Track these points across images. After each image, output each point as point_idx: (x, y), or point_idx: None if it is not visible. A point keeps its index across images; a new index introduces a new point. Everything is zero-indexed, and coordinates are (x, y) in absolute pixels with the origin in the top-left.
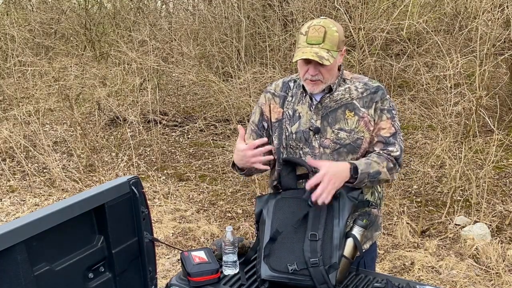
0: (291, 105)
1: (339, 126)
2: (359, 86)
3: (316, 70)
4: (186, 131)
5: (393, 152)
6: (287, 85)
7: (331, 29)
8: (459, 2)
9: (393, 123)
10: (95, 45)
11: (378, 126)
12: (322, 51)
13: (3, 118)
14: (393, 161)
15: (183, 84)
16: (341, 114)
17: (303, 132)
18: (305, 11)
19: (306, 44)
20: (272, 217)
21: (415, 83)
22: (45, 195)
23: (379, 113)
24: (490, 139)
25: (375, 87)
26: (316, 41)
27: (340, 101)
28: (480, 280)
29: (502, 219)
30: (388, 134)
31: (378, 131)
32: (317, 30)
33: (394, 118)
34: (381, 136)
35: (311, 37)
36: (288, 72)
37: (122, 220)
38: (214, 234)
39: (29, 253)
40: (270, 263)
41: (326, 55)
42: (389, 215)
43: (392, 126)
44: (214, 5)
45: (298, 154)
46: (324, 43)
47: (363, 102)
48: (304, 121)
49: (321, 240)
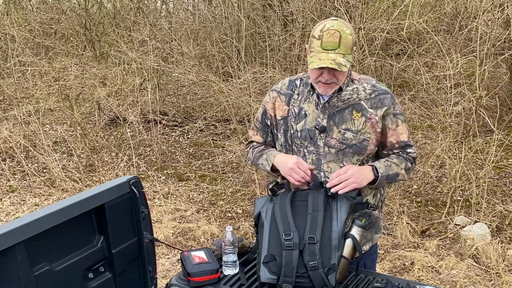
0: (297, 103)
1: (345, 126)
2: (367, 87)
3: (331, 74)
4: (186, 131)
5: (411, 153)
6: (293, 84)
7: (345, 33)
8: (459, 2)
9: (406, 125)
10: (95, 45)
11: (397, 132)
12: (338, 57)
13: (3, 118)
14: (411, 160)
15: (183, 84)
16: (348, 114)
17: (309, 130)
18: (305, 11)
19: (321, 49)
20: (270, 219)
21: (415, 83)
22: (45, 195)
23: (393, 118)
24: (490, 139)
25: (383, 89)
26: (332, 47)
27: (348, 101)
28: (480, 280)
29: (502, 219)
30: (406, 138)
31: (398, 137)
32: (332, 35)
33: (406, 120)
34: (401, 141)
35: (327, 42)
36: (288, 72)
37: (122, 220)
38: (214, 234)
39: (29, 253)
40: (269, 266)
41: (342, 60)
42: (389, 215)
43: (407, 130)
44: (214, 5)
45: (302, 152)
46: (340, 48)
47: (371, 103)
48: (310, 119)
49: (320, 243)
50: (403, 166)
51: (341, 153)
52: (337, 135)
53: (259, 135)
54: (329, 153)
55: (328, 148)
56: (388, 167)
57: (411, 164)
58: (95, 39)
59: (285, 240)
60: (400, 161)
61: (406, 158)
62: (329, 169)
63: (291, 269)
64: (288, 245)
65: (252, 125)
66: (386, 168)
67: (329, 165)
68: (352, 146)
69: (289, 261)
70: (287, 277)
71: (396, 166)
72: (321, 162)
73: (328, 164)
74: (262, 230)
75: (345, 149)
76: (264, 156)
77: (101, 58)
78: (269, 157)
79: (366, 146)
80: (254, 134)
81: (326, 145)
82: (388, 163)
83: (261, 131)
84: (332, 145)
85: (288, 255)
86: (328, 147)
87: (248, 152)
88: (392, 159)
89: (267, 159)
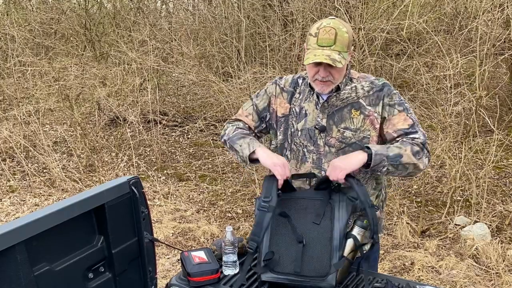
0: (298, 102)
1: (344, 125)
2: (365, 85)
3: (327, 71)
4: (186, 131)
5: (415, 138)
6: (295, 82)
7: (341, 30)
8: (459, 2)
9: (409, 115)
10: (95, 45)
11: (391, 122)
12: (333, 53)
13: (3, 118)
14: (419, 145)
15: (183, 84)
16: (347, 113)
17: (309, 130)
18: (305, 11)
19: (317, 46)
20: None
21: (415, 83)
22: (45, 195)
23: (389, 109)
24: (490, 139)
25: (380, 84)
26: (327, 43)
27: (346, 100)
28: (480, 280)
29: (502, 219)
30: (406, 126)
31: (394, 126)
32: (327, 32)
33: (409, 110)
34: (399, 129)
35: (322, 39)
36: (288, 72)
37: (122, 220)
38: (214, 234)
39: (29, 253)
40: (270, 265)
41: (337, 57)
42: (389, 215)
43: (409, 118)
44: (214, 5)
45: (302, 152)
46: (335, 45)
47: (369, 100)
48: (310, 119)
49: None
50: (408, 149)
51: (342, 152)
52: (336, 134)
53: (252, 119)
54: (329, 152)
55: (328, 147)
56: (386, 148)
57: (420, 148)
58: (95, 39)
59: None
60: (404, 144)
61: (411, 143)
62: None
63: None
64: (264, 206)
65: (245, 107)
66: (383, 148)
67: (329, 164)
68: (351, 145)
69: (260, 222)
70: (255, 235)
71: (397, 148)
72: (322, 161)
73: (329, 164)
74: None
75: (345, 147)
76: (247, 140)
77: (101, 58)
78: (253, 143)
79: (367, 143)
80: (246, 115)
81: (326, 144)
82: (386, 145)
83: (256, 115)
84: (332, 144)
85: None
86: (328, 146)
87: (228, 127)
88: (392, 144)
89: (250, 144)
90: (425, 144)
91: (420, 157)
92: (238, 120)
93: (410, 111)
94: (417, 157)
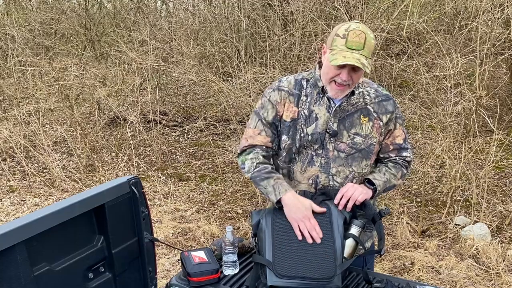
0: (307, 105)
1: (355, 131)
2: (371, 91)
3: (349, 75)
4: (186, 131)
5: (407, 157)
6: (300, 84)
7: (369, 36)
8: (459, 2)
9: (403, 128)
10: (95, 45)
11: (393, 134)
12: (362, 58)
13: (3, 118)
14: (407, 165)
15: (183, 84)
16: (357, 118)
17: (320, 134)
18: (305, 11)
19: (345, 48)
20: (271, 226)
21: (415, 83)
22: (45, 195)
23: (395, 122)
24: (490, 139)
25: (385, 94)
26: (357, 47)
27: (356, 105)
28: (480, 280)
29: (502, 219)
30: (401, 141)
31: (394, 139)
32: (358, 35)
33: (404, 123)
34: (396, 143)
35: (352, 41)
36: (288, 72)
37: (122, 220)
38: (214, 234)
39: (29, 253)
40: (276, 270)
41: (365, 62)
42: (389, 215)
43: (403, 132)
44: (214, 5)
45: (310, 155)
46: (364, 49)
47: (375, 107)
48: (322, 123)
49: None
50: (399, 176)
51: (351, 157)
52: (347, 140)
53: (266, 134)
54: (338, 157)
55: (338, 152)
56: (387, 181)
57: (406, 170)
58: (95, 39)
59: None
60: (397, 170)
61: (402, 165)
62: (337, 173)
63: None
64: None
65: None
66: (384, 184)
67: (338, 169)
68: (361, 151)
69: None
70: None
71: (393, 178)
72: (330, 166)
73: (337, 168)
74: (262, 235)
75: (354, 153)
76: (271, 182)
77: (101, 58)
78: (279, 188)
79: (373, 150)
80: (259, 132)
81: (335, 149)
82: (385, 177)
83: (269, 129)
84: (342, 150)
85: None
86: (337, 151)
87: (246, 160)
88: (390, 170)
89: (276, 188)
90: (411, 162)
91: (403, 179)
92: (253, 146)
93: (404, 123)
94: (402, 179)
